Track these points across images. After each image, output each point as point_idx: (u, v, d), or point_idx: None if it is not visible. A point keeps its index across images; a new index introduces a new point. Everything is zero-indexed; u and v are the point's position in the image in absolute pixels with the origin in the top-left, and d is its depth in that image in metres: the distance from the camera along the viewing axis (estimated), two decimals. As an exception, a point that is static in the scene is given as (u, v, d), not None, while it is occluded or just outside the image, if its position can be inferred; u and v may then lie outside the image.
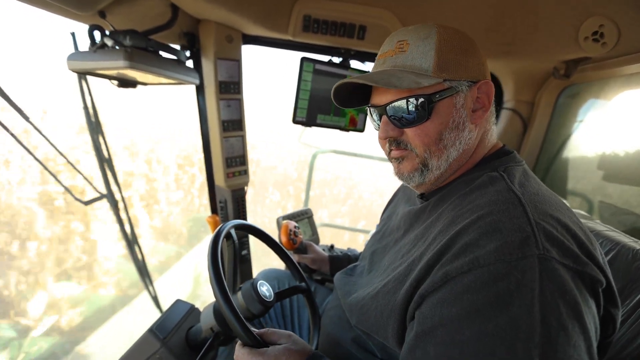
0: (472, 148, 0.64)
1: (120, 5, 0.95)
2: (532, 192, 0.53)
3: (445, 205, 0.62)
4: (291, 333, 0.64)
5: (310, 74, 1.32)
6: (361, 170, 11.99)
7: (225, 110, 1.34)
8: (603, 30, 0.97)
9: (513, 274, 0.43)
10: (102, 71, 1.02)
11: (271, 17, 1.20)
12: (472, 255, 0.46)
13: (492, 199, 0.52)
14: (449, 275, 0.47)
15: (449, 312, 0.45)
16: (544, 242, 0.44)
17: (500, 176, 0.57)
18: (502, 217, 0.48)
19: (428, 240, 0.58)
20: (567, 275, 0.43)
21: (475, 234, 0.48)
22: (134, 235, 1.73)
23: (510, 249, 0.44)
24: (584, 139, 1.38)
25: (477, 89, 0.62)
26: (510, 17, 1.10)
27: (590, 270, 0.45)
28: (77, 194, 1.49)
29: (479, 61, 0.62)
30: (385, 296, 0.59)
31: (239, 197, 1.51)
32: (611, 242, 0.78)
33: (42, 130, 1.26)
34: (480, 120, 0.63)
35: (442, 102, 0.59)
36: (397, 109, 0.61)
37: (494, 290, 0.43)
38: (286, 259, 0.92)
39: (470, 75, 0.60)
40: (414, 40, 0.60)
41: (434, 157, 0.61)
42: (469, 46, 0.61)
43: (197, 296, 5.97)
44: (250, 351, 0.59)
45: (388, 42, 0.65)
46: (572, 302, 0.42)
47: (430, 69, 0.58)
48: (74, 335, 4.69)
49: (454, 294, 0.46)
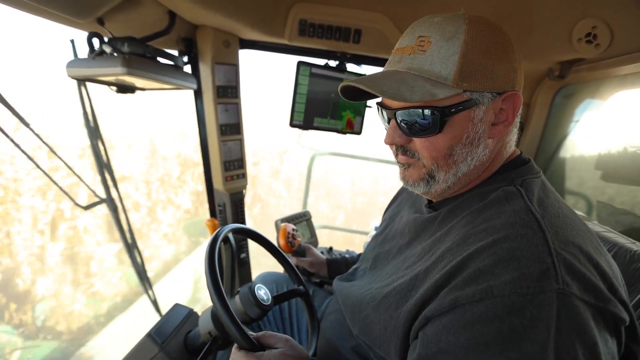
0: (485, 163, 0.58)
1: (118, 12, 0.96)
2: (553, 214, 0.49)
3: (456, 220, 0.57)
4: (289, 337, 0.63)
5: (306, 77, 1.33)
6: (360, 172, 12.00)
7: (223, 114, 1.35)
8: (596, 32, 0.98)
9: (529, 309, 0.40)
10: (100, 77, 1.03)
11: (267, 22, 1.21)
12: (486, 284, 0.43)
13: (509, 221, 0.48)
14: (459, 301, 0.44)
15: (456, 340, 0.43)
16: (565, 276, 0.41)
17: (518, 192, 0.53)
18: (521, 244, 0.44)
19: (435, 256, 0.54)
20: (588, 314, 0.40)
21: (489, 260, 0.45)
22: (133, 239, 1.74)
23: (527, 281, 0.41)
24: (581, 139, 1.39)
25: (502, 100, 0.54)
26: (504, 20, 1.11)
27: (613, 307, 0.42)
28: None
29: (510, 67, 0.54)
30: (388, 310, 0.57)
31: (238, 201, 1.52)
32: (609, 244, 0.78)
33: (41, 135, 1.27)
34: (500, 135, 0.57)
35: (458, 115, 0.53)
36: (408, 115, 0.55)
37: (507, 324, 0.40)
38: (284, 263, 0.92)
39: (496, 85, 0.53)
40: (437, 39, 0.53)
41: (442, 170, 0.57)
42: (502, 49, 0.53)
43: (197, 300, 5.96)
44: (246, 354, 0.59)
45: (408, 34, 0.57)
46: (590, 343, 0.39)
47: (450, 77, 0.51)
48: (74, 338, 4.68)
49: (463, 322, 0.43)
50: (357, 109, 1.46)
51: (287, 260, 0.92)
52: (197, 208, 9.21)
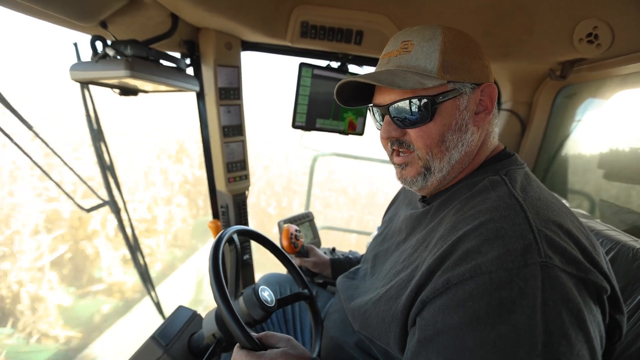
0: (474, 150, 0.64)
1: (121, 15, 0.96)
2: (534, 197, 0.53)
3: (446, 210, 0.61)
4: (290, 337, 0.64)
5: (308, 79, 1.34)
6: (362, 172, 12.00)
7: (226, 115, 1.35)
8: (597, 32, 0.98)
9: (515, 282, 0.42)
10: (104, 80, 1.03)
11: (269, 24, 1.22)
12: (474, 262, 0.46)
13: (494, 205, 0.52)
14: (451, 282, 0.47)
15: (451, 320, 0.45)
16: (546, 250, 0.44)
17: (502, 180, 0.57)
18: (504, 224, 0.47)
19: (430, 245, 0.57)
20: (570, 283, 0.43)
21: (476, 240, 0.48)
22: (136, 241, 1.74)
23: (512, 256, 0.44)
24: (583, 138, 1.39)
25: (481, 91, 0.62)
26: (506, 20, 1.11)
27: (594, 277, 0.45)
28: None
29: (482, 64, 0.62)
30: (387, 302, 0.59)
31: (240, 202, 1.52)
32: (611, 242, 0.78)
33: (45, 139, 1.28)
34: (483, 123, 0.63)
35: (446, 103, 0.59)
36: (400, 109, 0.60)
37: (496, 298, 0.42)
38: (288, 264, 0.92)
39: (473, 77, 0.60)
40: (419, 40, 0.60)
41: (436, 159, 0.61)
42: (473, 48, 0.61)
43: (200, 301, 5.96)
44: (247, 354, 0.59)
45: (392, 42, 0.65)
46: (575, 310, 0.41)
47: (435, 70, 0.58)
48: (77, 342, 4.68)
49: (456, 301, 0.45)
50: (358, 110, 1.46)
51: (291, 262, 0.92)
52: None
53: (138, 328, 4.93)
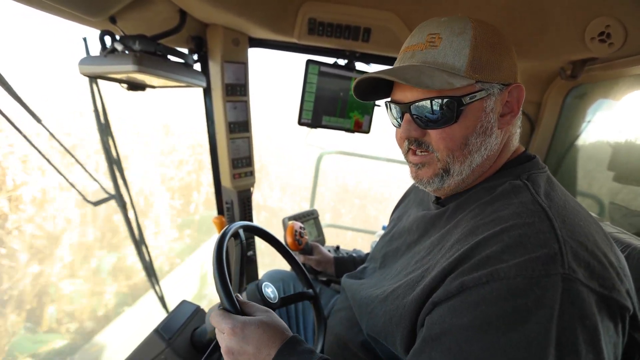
0: (496, 154, 0.60)
1: (130, 11, 0.97)
2: (560, 205, 0.50)
3: (464, 213, 0.59)
4: (270, 310, 0.61)
5: (315, 76, 1.33)
6: (367, 171, 11.96)
7: (232, 112, 1.35)
8: (609, 31, 0.96)
9: (533, 291, 0.41)
10: (112, 75, 1.04)
11: (277, 21, 1.21)
12: (493, 267, 0.44)
13: (517, 211, 0.49)
14: (465, 285, 0.45)
15: (460, 321, 0.44)
16: (571, 262, 0.42)
17: (524, 185, 0.54)
18: (528, 232, 0.45)
19: (445, 248, 0.55)
20: (592, 299, 0.41)
21: (497, 247, 0.46)
22: (141, 235, 1.76)
23: (533, 264, 0.42)
24: (593, 139, 1.37)
25: (509, 92, 0.58)
26: (517, 19, 1.09)
27: (617, 295, 0.42)
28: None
29: (512, 62, 0.58)
30: (395, 301, 0.58)
31: (245, 198, 1.53)
32: (621, 244, 0.76)
33: (53, 132, 1.29)
34: (508, 126, 0.59)
35: (472, 105, 0.55)
36: (423, 108, 0.56)
37: (511, 305, 0.41)
38: (292, 262, 0.92)
39: (502, 77, 0.56)
40: (447, 34, 0.55)
41: (457, 162, 0.58)
42: (504, 45, 0.57)
43: (203, 296, 6.01)
44: (223, 313, 0.58)
45: (417, 33, 0.60)
46: (591, 328, 0.40)
47: (463, 69, 0.54)
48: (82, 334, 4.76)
49: (468, 303, 0.44)
50: (364, 109, 1.45)
51: (295, 259, 0.92)
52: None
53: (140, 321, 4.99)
